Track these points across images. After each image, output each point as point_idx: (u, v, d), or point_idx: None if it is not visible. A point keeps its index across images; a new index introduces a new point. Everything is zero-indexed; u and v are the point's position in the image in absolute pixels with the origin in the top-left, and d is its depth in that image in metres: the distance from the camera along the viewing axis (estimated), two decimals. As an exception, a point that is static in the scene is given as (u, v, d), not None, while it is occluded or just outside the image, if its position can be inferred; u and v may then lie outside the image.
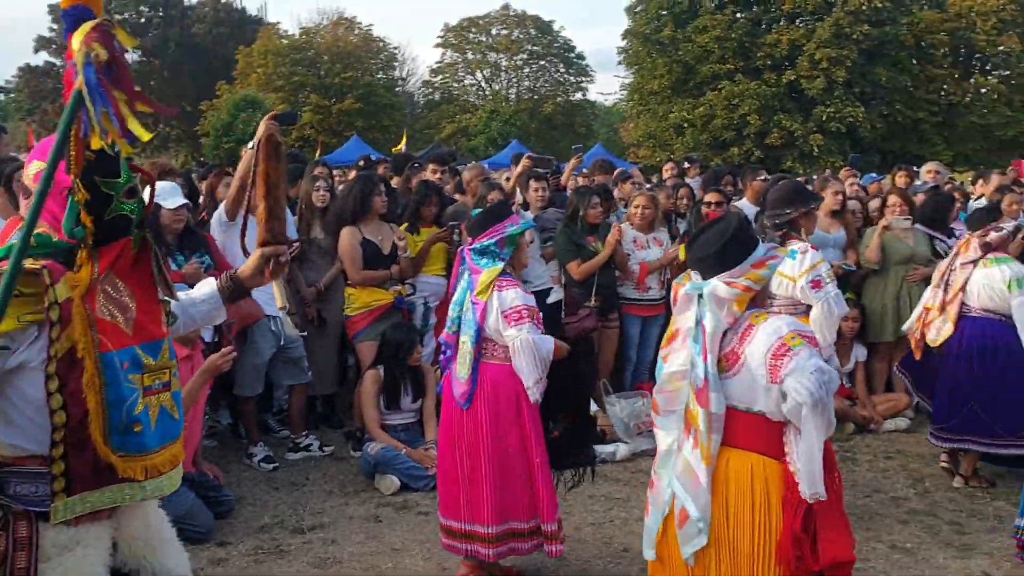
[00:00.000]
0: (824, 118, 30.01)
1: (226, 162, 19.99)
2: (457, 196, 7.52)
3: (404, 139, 20.18)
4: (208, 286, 2.72)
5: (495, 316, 4.05)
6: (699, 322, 2.89)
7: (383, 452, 5.53)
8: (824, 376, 2.68)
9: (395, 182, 8.01)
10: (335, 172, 10.12)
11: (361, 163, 10.22)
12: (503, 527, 4.10)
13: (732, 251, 2.89)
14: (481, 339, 4.12)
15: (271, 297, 5.65)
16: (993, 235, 5.57)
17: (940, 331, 5.70)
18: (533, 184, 6.87)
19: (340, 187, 7.21)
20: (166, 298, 2.45)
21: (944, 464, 5.94)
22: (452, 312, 4.31)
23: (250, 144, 5.41)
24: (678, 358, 2.99)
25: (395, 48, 47.28)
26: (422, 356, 5.97)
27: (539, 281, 6.40)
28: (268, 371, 6.05)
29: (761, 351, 2.77)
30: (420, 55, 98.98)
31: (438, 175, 7.52)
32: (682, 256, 3.13)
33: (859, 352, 7.21)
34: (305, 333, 6.13)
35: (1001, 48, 30.96)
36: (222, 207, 5.80)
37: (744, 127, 31.10)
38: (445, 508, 4.27)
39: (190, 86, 43.75)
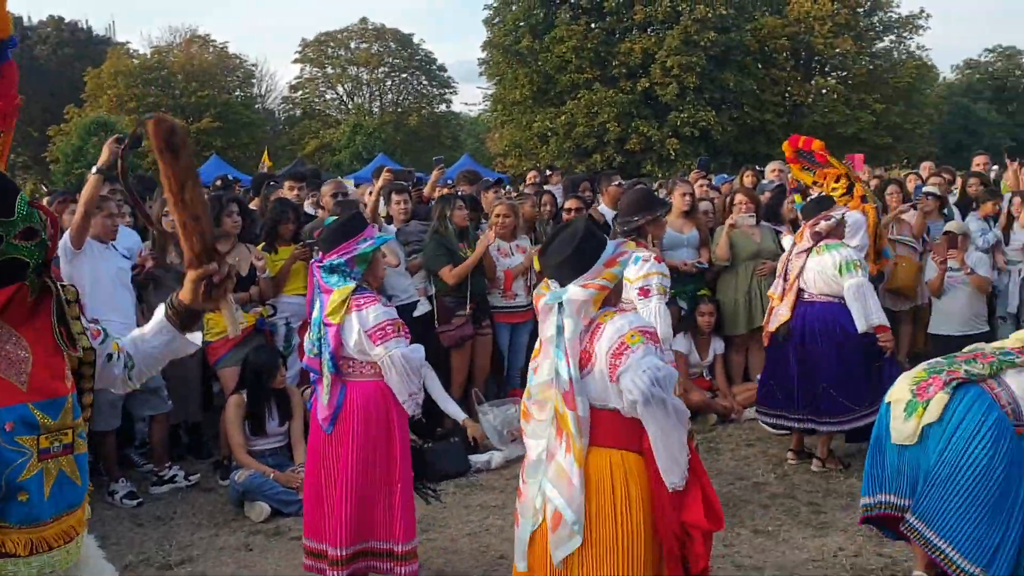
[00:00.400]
0: (679, 123, 31.09)
1: (76, 189, 19.06)
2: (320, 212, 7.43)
3: (266, 157, 19.71)
4: (156, 317, 2.49)
5: (356, 336, 3.95)
6: (560, 330, 2.94)
7: (251, 479, 5.40)
8: (658, 372, 2.77)
9: (256, 203, 7.85)
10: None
11: (219, 183, 9.96)
12: (357, 547, 4.04)
13: (584, 254, 2.96)
14: (338, 361, 4.03)
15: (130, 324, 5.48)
16: (823, 224, 5.87)
17: (778, 317, 6.00)
18: (395, 197, 6.86)
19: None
20: (99, 345, 2.22)
21: (791, 461, 6.14)
22: (311, 334, 4.17)
23: (94, 168, 5.21)
24: (544, 367, 3.04)
25: (252, 65, 46.32)
26: (287, 378, 5.86)
27: (405, 295, 6.39)
28: (125, 403, 5.80)
29: (604, 349, 2.86)
30: (279, 71, 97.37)
31: (295, 192, 7.39)
32: (537, 266, 3.18)
33: (717, 345, 7.50)
34: None
35: (837, 50, 32.83)
36: (67, 236, 5.52)
37: (604, 134, 31.88)
38: (308, 529, 4.18)
39: (36, 111, 41.47)
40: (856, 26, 33.50)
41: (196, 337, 2.51)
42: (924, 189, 8.72)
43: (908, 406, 3.87)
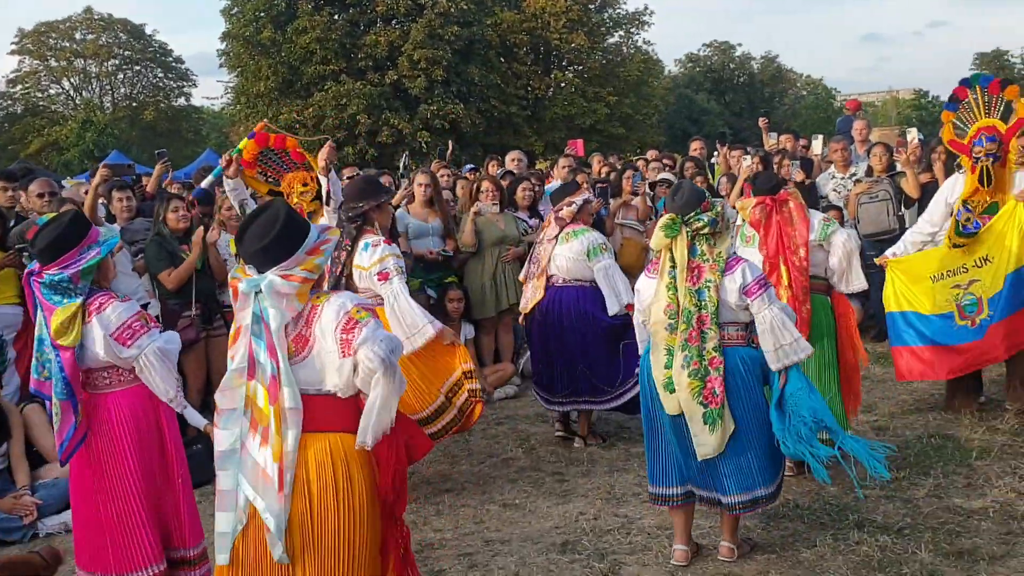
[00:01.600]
0: (429, 116, 31.35)
1: None
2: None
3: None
4: None
5: (103, 344, 3.61)
6: (259, 318, 2.85)
7: (-37, 509, 4.90)
8: (392, 343, 2.84)
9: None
10: None
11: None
12: (171, 557, 3.82)
13: (284, 241, 2.85)
14: (81, 380, 3.64)
15: None
16: (565, 210, 6.16)
17: (531, 300, 6.21)
18: (116, 194, 6.44)
19: None
20: None
21: (560, 434, 6.36)
22: (37, 354, 3.71)
23: None
24: (239, 355, 2.93)
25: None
26: (2, 394, 5.36)
27: (135, 297, 6.01)
28: None
29: (331, 328, 2.84)
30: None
31: (9, 193, 6.70)
32: (233, 250, 3.08)
33: (467, 330, 7.68)
34: None
35: (573, 45, 34.38)
36: None
37: (355, 126, 31.57)
38: (91, 562, 3.80)
39: None
40: (588, 22, 35.22)
41: None
42: (660, 175, 9.34)
43: (706, 418, 4.02)
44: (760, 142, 12.61)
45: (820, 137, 10.73)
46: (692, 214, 4.10)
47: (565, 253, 6.04)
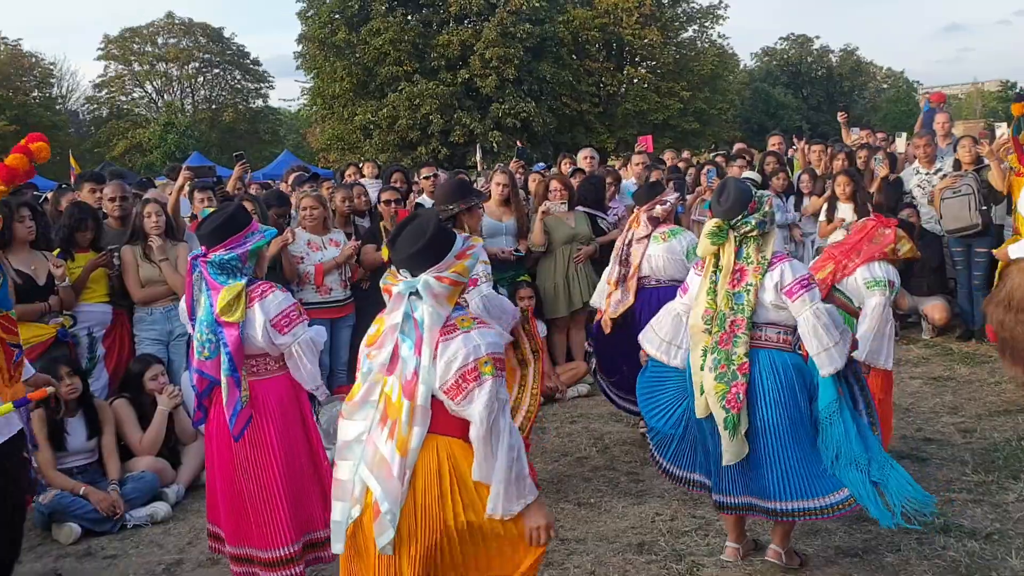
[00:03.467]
0: (500, 114, 31.48)
1: None
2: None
3: (73, 161, 18.49)
4: None
5: (261, 329, 3.77)
6: (409, 317, 2.94)
7: (58, 499, 5.07)
8: (495, 407, 2.82)
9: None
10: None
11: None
12: (305, 539, 3.95)
13: (436, 246, 2.97)
14: (239, 362, 3.79)
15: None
16: (659, 209, 6.02)
17: (621, 303, 6.11)
18: (197, 195, 6.62)
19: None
20: None
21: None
22: (200, 335, 3.85)
23: None
24: (384, 353, 3.00)
25: (51, 64, 43.40)
26: (92, 390, 5.55)
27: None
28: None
29: (456, 365, 2.85)
30: (80, 69, 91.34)
31: (97, 195, 6.94)
32: (385, 256, 3.18)
33: (540, 328, 7.66)
34: None
35: (645, 40, 34.13)
36: None
37: (428, 126, 31.87)
38: (235, 538, 3.99)
39: None
40: (661, 17, 34.95)
41: None
42: (743, 175, 9.14)
43: (726, 423, 3.94)
44: (839, 136, 12.34)
45: (903, 135, 10.46)
46: (739, 217, 3.98)
47: (662, 252, 5.94)
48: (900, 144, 10.21)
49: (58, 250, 5.93)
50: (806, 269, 4.07)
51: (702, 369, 4.03)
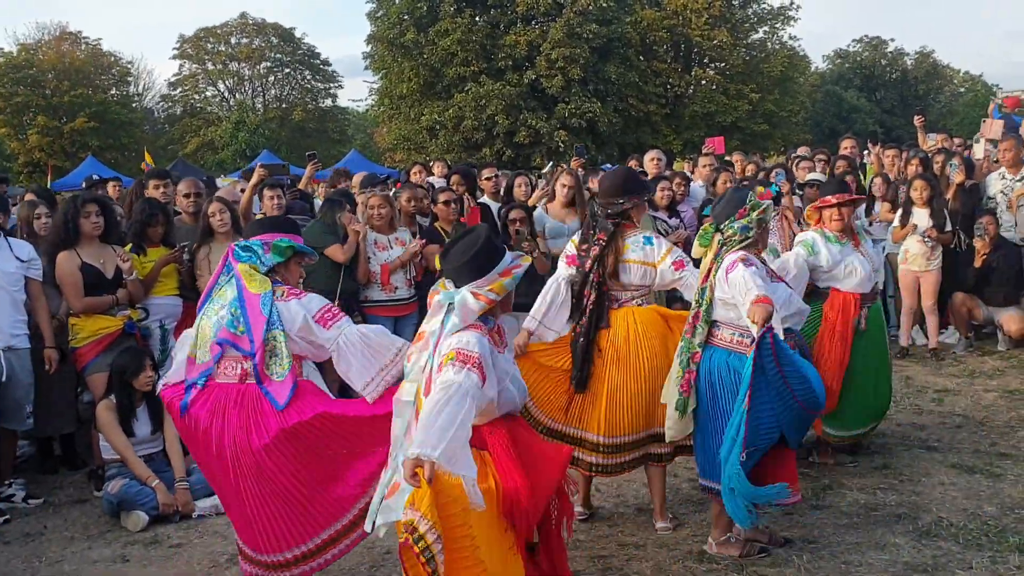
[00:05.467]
0: (566, 115, 31.43)
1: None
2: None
3: (148, 157, 19.01)
4: None
5: (301, 325, 3.80)
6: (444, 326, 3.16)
7: (126, 488, 5.19)
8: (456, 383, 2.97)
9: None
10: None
11: (85, 184, 9.54)
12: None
13: (482, 261, 3.20)
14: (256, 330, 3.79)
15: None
16: None
17: None
18: (267, 192, 6.72)
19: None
20: None
21: None
22: (233, 309, 3.87)
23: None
24: (421, 358, 3.19)
25: (128, 62, 44.65)
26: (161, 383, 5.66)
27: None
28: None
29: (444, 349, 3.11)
30: (156, 68, 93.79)
31: (161, 191, 7.01)
32: (437, 265, 3.38)
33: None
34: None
35: (715, 42, 33.75)
36: None
37: (493, 127, 31.97)
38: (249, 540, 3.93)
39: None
40: (731, 18, 34.55)
41: None
42: (809, 176, 8.92)
43: (677, 404, 4.27)
44: (913, 141, 12.01)
45: (982, 141, 10.13)
46: (726, 222, 4.26)
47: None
48: (978, 150, 9.88)
49: (130, 245, 6.06)
50: (749, 278, 4.02)
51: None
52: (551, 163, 9.16)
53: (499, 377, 3.19)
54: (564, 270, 4.79)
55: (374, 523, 3.06)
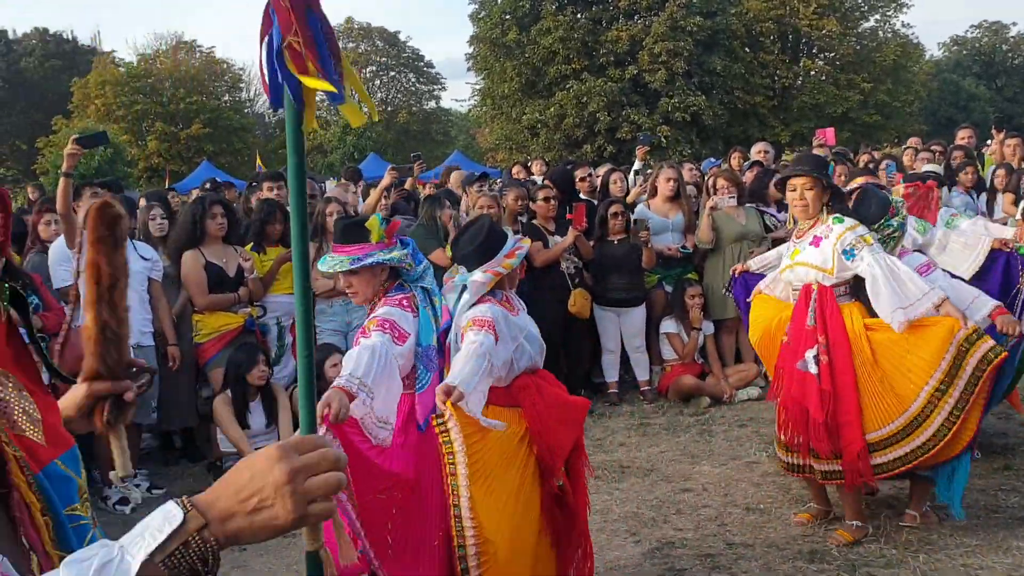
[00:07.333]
0: (669, 109, 31.03)
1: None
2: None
3: (259, 161, 19.72)
4: None
5: (465, 321, 3.71)
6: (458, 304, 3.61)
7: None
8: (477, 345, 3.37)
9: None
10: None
11: (207, 186, 9.98)
12: None
13: (488, 247, 3.58)
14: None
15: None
16: None
17: None
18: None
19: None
20: None
21: None
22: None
23: (61, 174, 5.27)
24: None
25: (240, 69, 46.24)
26: (279, 378, 5.89)
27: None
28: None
29: (463, 321, 3.53)
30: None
31: (275, 192, 7.30)
32: (448, 254, 3.81)
33: (706, 328, 7.52)
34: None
35: (823, 31, 32.79)
36: (58, 244, 5.63)
37: (595, 124, 31.83)
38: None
39: (23, 123, 41.49)
40: (840, 7, 33.50)
41: None
42: (925, 167, 8.56)
43: None
44: (1040, 129, 11.41)
45: (1112, 130, 9.55)
46: (882, 220, 4.48)
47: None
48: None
49: (250, 244, 6.32)
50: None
51: None
52: (643, 138, 9.19)
53: (513, 335, 3.53)
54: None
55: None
